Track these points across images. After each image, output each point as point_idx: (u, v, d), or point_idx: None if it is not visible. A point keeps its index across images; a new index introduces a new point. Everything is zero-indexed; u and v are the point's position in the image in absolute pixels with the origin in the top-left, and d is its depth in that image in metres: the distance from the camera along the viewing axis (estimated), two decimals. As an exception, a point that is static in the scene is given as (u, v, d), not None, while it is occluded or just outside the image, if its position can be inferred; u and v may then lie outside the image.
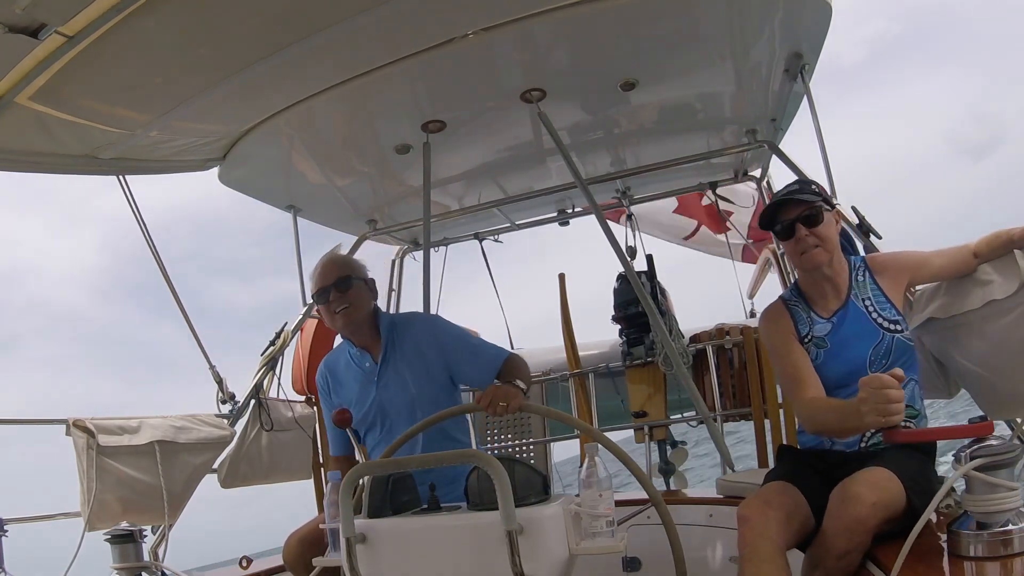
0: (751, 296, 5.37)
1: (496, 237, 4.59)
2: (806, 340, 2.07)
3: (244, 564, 2.87)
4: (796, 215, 2.04)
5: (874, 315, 2.04)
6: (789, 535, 1.72)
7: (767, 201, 4.11)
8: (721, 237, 5.51)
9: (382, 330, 2.48)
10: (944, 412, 6.30)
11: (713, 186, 4.18)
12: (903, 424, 1.65)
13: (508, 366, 2.41)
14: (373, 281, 2.57)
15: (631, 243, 4.22)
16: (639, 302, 3.45)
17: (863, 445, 1.98)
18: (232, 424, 3.18)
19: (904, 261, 2.14)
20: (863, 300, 2.07)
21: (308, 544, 2.36)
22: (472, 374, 2.47)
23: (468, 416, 2.55)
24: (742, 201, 4.90)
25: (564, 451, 4.20)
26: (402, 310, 4.48)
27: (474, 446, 2.33)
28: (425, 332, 2.49)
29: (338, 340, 4.61)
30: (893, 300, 2.06)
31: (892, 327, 2.02)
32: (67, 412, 2.66)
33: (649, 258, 3.96)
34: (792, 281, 2.33)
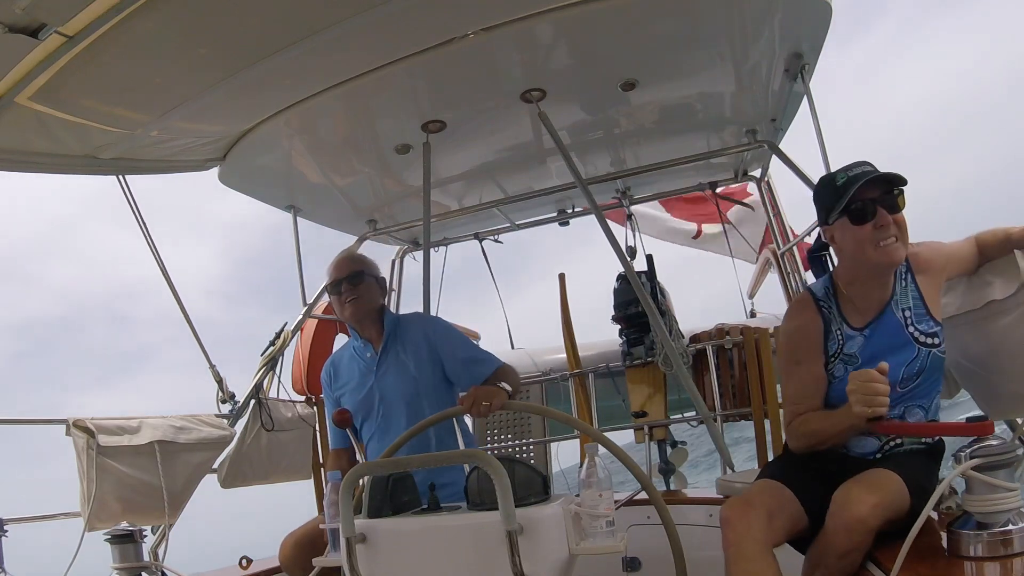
0: (751, 296, 5.37)
1: (496, 237, 4.59)
2: (833, 358, 1.89)
3: (244, 564, 2.87)
4: (878, 195, 1.76)
5: (911, 328, 1.87)
6: (773, 533, 1.70)
7: (769, 201, 4.12)
8: (720, 228, 5.47)
9: (386, 325, 2.61)
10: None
11: (713, 186, 4.18)
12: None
13: (498, 373, 2.48)
14: (384, 280, 2.77)
15: (631, 243, 4.22)
16: (639, 302, 3.45)
17: (878, 455, 1.91)
18: (232, 424, 3.18)
19: (945, 254, 1.98)
20: (902, 310, 1.88)
21: (304, 546, 2.39)
22: (464, 376, 2.54)
23: (467, 420, 2.57)
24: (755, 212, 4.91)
25: (568, 457, 4.20)
26: (402, 310, 4.49)
27: (461, 446, 2.35)
28: (424, 330, 2.61)
29: (338, 341, 4.63)
30: (932, 308, 1.88)
31: (929, 340, 1.86)
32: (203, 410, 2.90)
33: (649, 258, 3.95)
34: (823, 279, 2.04)
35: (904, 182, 1.79)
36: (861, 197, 1.78)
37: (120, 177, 2.82)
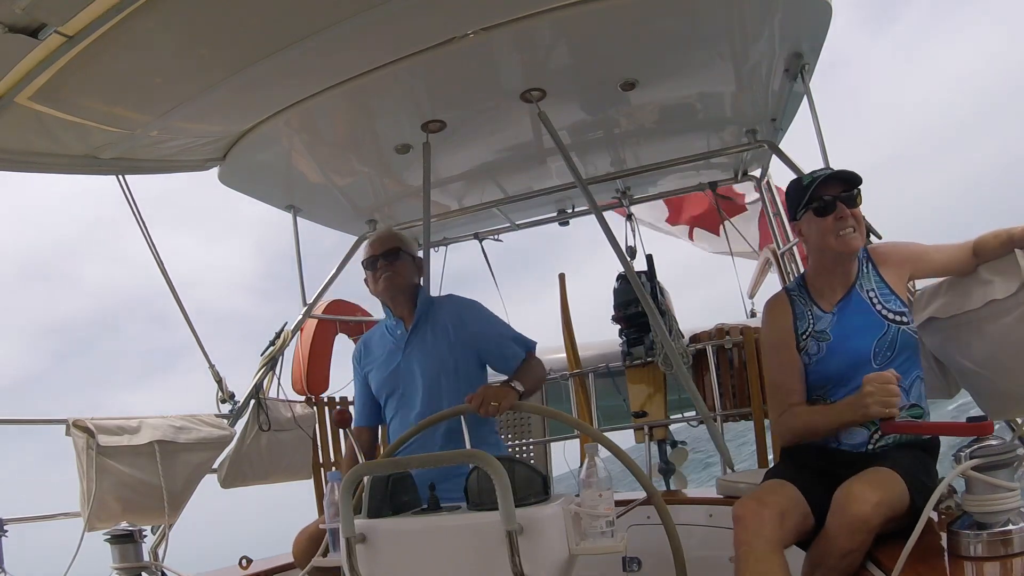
0: (751, 296, 5.37)
1: (496, 237, 4.59)
2: (804, 336, 2.04)
3: (244, 564, 2.87)
4: (838, 192, 2.00)
5: (878, 306, 2.00)
6: (784, 533, 1.72)
7: (769, 201, 4.12)
8: (718, 237, 5.49)
9: (419, 304, 2.58)
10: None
11: (713, 186, 4.18)
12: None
13: (525, 365, 2.49)
14: (420, 260, 2.75)
15: (631, 243, 4.23)
16: (639, 302, 3.45)
17: (870, 447, 1.95)
18: (232, 424, 3.18)
19: (905, 252, 2.11)
20: (867, 291, 2.03)
21: (317, 541, 2.38)
22: (497, 361, 2.54)
23: (495, 418, 2.53)
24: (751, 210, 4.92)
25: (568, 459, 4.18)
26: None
27: (468, 445, 2.33)
28: (459, 310, 2.58)
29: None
30: (897, 291, 2.03)
31: (897, 319, 1.98)
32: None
33: (649, 258, 3.96)
34: (796, 277, 2.27)
35: (860, 181, 2.01)
36: (823, 194, 2.01)
37: (120, 177, 2.82)
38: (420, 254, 2.81)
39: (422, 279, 2.73)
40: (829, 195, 2.00)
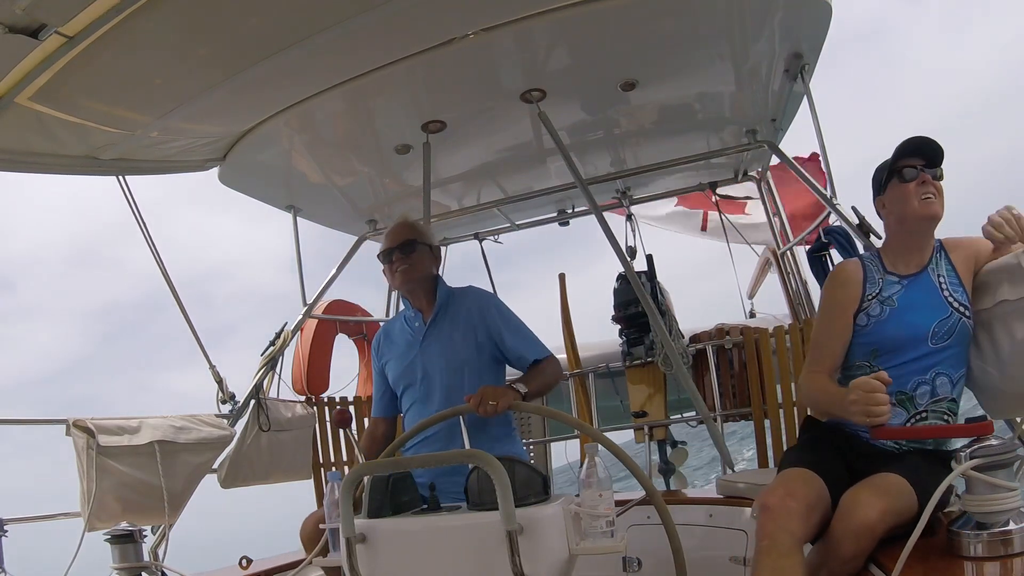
0: (751, 296, 5.37)
1: (496, 237, 4.60)
2: (870, 297, 2.05)
3: (244, 564, 2.87)
4: (921, 164, 2.03)
5: (945, 292, 2.02)
6: (808, 529, 1.69)
7: (769, 201, 4.12)
8: (738, 219, 5.38)
9: (438, 295, 2.54)
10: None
11: (713, 186, 4.19)
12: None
13: (537, 367, 2.47)
14: (439, 249, 2.71)
15: (631, 243, 4.23)
16: (639, 302, 3.45)
17: (904, 444, 1.95)
18: (232, 424, 3.18)
19: (971, 241, 2.12)
20: (938, 276, 2.06)
21: None
22: (513, 359, 2.52)
23: (512, 415, 2.51)
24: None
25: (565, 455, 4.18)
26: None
27: (467, 445, 2.32)
28: (478, 304, 2.54)
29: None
30: (965, 283, 2.05)
31: (961, 308, 2.00)
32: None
33: (649, 258, 3.96)
34: (872, 251, 2.27)
35: (942, 156, 2.04)
36: (904, 164, 2.05)
37: (120, 177, 2.83)
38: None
39: (441, 269, 2.69)
40: (912, 164, 2.05)
